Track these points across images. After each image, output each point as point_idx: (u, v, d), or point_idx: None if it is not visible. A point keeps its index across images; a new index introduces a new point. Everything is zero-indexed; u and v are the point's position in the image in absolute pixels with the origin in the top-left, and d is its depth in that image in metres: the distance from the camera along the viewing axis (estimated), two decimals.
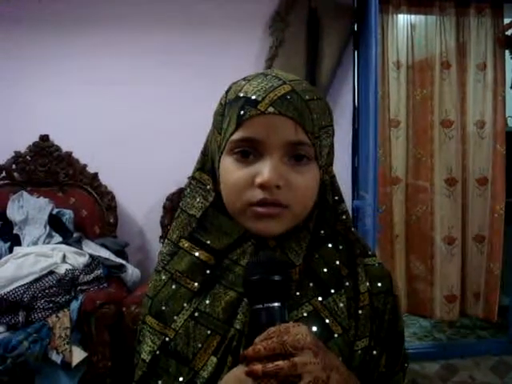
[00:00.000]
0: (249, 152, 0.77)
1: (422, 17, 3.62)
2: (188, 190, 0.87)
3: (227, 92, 0.83)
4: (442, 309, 3.62)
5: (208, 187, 0.85)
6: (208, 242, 0.83)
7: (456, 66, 3.56)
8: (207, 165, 0.86)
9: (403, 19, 3.59)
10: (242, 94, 0.78)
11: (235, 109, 0.78)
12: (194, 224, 0.85)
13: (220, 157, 0.81)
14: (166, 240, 0.88)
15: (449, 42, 3.55)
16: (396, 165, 3.61)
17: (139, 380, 0.83)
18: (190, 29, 3.32)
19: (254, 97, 0.76)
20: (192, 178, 0.88)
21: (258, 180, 0.75)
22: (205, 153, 0.87)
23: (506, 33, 3.66)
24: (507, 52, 3.65)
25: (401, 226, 3.65)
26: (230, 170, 0.79)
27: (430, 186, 3.61)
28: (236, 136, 0.77)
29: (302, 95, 0.78)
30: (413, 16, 3.60)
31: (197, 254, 0.83)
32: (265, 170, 0.75)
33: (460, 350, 3.61)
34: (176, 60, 3.32)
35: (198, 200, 0.85)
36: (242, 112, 0.76)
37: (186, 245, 0.84)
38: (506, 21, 3.66)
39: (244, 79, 0.82)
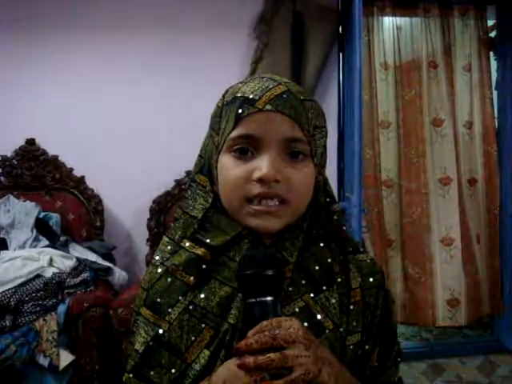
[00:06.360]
0: (247, 149, 0.80)
1: (408, 19, 3.63)
2: (189, 192, 0.89)
3: (224, 95, 0.86)
4: (444, 315, 3.49)
5: (207, 188, 0.87)
6: (207, 241, 0.84)
7: (443, 66, 3.56)
8: (205, 167, 0.88)
9: (389, 21, 3.61)
10: (239, 94, 0.81)
11: (233, 108, 0.81)
12: (196, 225, 0.86)
13: (218, 156, 0.83)
14: (167, 239, 0.90)
15: (435, 44, 3.57)
16: (389, 166, 3.56)
17: (131, 370, 0.84)
18: (175, 31, 3.33)
19: (251, 96, 0.80)
20: (192, 180, 0.90)
21: (257, 175, 0.78)
22: (202, 155, 0.90)
23: (490, 34, 3.69)
24: (491, 53, 3.68)
25: (396, 229, 3.57)
26: (229, 166, 0.81)
27: (424, 186, 3.53)
28: (234, 133, 0.80)
29: (296, 95, 0.81)
30: (398, 18, 3.62)
31: (195, 251, 0.85)
32: (263, 164, 0.78)
33: (447, 349, 3.63)
34: (162, 62, 3.32)
35: (198, 202, 0.87)
36: (240, 110, 0.79)
37: (188, 244, 0.86)
38: (490, 23, 3.70)
39: (240, 82, 0.85)
